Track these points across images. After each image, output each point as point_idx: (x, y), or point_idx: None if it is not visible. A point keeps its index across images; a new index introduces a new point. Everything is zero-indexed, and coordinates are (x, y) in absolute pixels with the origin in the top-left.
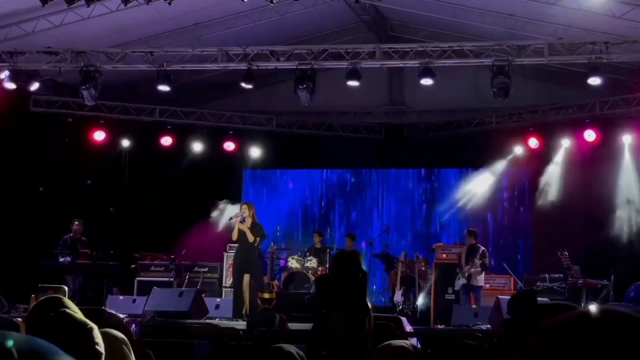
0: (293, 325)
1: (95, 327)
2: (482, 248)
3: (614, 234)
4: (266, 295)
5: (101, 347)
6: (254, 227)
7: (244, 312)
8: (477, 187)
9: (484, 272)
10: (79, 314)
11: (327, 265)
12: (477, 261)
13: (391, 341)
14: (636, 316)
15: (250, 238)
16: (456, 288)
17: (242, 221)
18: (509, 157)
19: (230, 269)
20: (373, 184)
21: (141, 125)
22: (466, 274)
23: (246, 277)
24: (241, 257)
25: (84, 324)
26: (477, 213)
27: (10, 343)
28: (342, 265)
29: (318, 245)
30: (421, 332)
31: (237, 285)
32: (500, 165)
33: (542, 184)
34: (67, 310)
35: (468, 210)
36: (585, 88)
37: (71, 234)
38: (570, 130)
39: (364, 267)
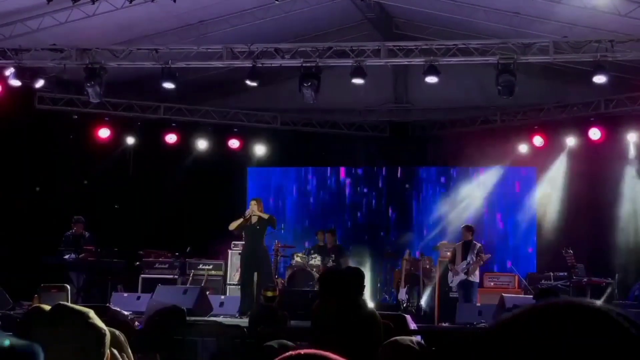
0: (296, 323)
1: (91, 310)
2: (479, 244)
3: (618, 232)
4: (269, 294)
5: (103, 325)
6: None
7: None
8: (482, 185)
9: (478, 269)
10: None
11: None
12: (474, 257)
13: (398, 337)
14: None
15: (265, 215)
16: (452, 284)
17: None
18: (514, 155)
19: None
20: (377, 182)
21: (146, 122)
22: (465, 270)
23: (256, 276)
24: (250, 255)
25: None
26: (481, 211)
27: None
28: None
29: (322, 244)
30: (425, 330)
31: (245, 282)
32: (504, 164)
33: (547, 182)
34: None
35: (472, 208)
36: (590, 86)
37: (73, 231)
38: (575, 129)
39: (368, 265)
